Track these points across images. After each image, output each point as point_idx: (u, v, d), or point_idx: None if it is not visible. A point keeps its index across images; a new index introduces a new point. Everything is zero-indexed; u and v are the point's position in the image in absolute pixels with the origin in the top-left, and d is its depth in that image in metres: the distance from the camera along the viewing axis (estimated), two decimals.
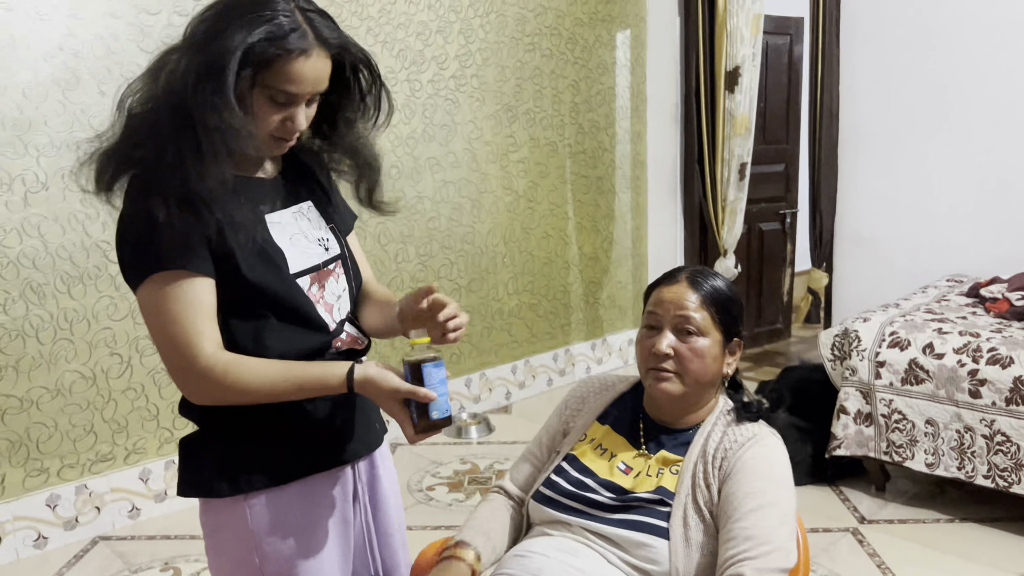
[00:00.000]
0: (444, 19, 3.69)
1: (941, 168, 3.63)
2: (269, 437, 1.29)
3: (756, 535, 1.29)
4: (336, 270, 1.37)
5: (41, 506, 2.76)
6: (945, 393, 2.72)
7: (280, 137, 1.25)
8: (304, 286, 1.30)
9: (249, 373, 1.19)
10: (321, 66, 1.21)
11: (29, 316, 2.69)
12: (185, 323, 1.17)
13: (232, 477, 1.27)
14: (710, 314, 1.42)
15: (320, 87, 1.23)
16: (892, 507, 2.93)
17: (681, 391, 1.43)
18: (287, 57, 1.16)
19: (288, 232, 1.31)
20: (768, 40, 4.60)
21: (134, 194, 1.19)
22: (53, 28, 2.66)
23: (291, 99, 1.21)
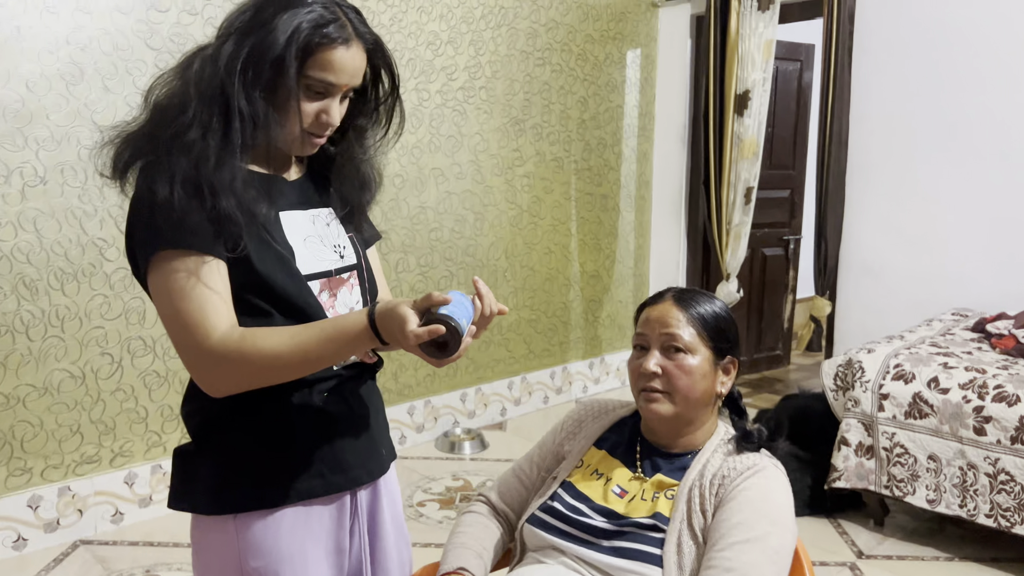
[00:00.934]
0: (455, 30, 3.66)
1: (950, 200, 3.60)
2: (266, 456, 1.23)
3: (736, 568, 1.24)
4: (351, 280, 1.32)
5: (22, 507, 2.70)
6: (949, 429, 2.68)
7: (312, 133, 1.22)
8: (314, 291, 1.25)
9: (264, 338, 1.13)
10: (360, 58, 1.21)
11: (20, 312, 2.63)
12: (197, 302, 1.13)
13: (223, 495, 1.22)
14: (696, 331, 1.40)
15: (355, 80, 1.22)
16: (891, 542, 2.88)
17: (672, 411, 1.40)
18: (329, 46, 1.16)
19: (302, 233, 1.27)
20: (778, 65, 4.58)
21: (142, 177, 1.16)
22: (60, 21, 2.62)
23: (329, 90, 1.19)
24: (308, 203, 1.30)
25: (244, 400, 1.20)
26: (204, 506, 1.24)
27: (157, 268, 1.15)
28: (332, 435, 1.27)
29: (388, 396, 3.65)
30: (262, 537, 1.22)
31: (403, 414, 3.71)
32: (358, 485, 1.31)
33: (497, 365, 4.07)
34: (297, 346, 1.13)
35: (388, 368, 3.63)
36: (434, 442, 3.78)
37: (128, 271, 2.76)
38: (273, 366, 1.14)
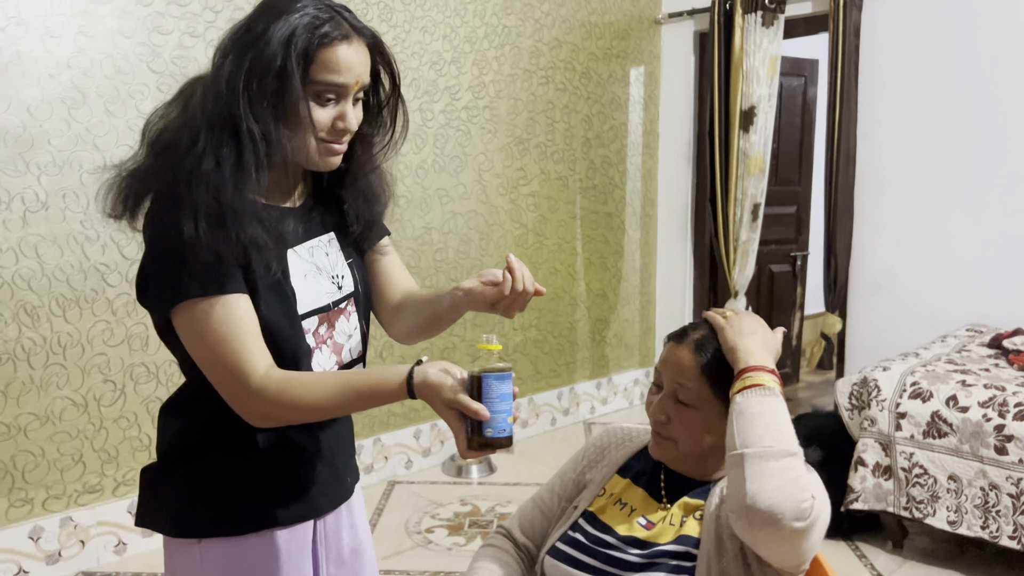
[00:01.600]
0: (459, 49, 3.65)
1: (962, 214, 3.56)
2: (230, 484, 1.23)
3: None
4: (347, 308, 1.31)
5: (23, 538, 2.64)
6: (969, 448, 2.62)
7: (330, 143, 1.19)
8: (311, 327, 1.24)
9: (304, 389, 1.12)
10: (363, 53, 1.18)
11: (21, 339, 2.59)
12: (233, 344, 1.12)
13: (188, 519, 1.23)
14: (709, 384, 1.31)
15: (364, 78, 1.18)
16: (910, 565, 2.81)
17: (675, 457, 1.36)
18: (329, 45, 1.13)
19: (303, 269, 1.25)
20: (783, 81, 4.56)
21: (160, 211, 1.13)
22: (62, 45, 2.60)
23: (339, 92, 1.16)
24: (309, 233, 1.27)
25: (213, 431, 1.22)
26: (170, 528, 1.25)
27: (181, 317, 1.14)
28: (296, 466, 1.27)
29: (394, 420, 3.60)
30: (225, 562, 1.23)
31: (409, 438, 3.66)
32: (320, 515, 1.31)
33: None
34: (332, 400, 1.13)
35: None
36: (441, 466, 3.72)
37: (131, 296, 2.71)
38: (309, 415, 1.17)
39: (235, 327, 1.12)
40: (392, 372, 1.12)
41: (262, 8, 1.16)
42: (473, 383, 1.10)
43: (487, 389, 1.09)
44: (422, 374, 1.10)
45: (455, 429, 1.10)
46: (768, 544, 1.17)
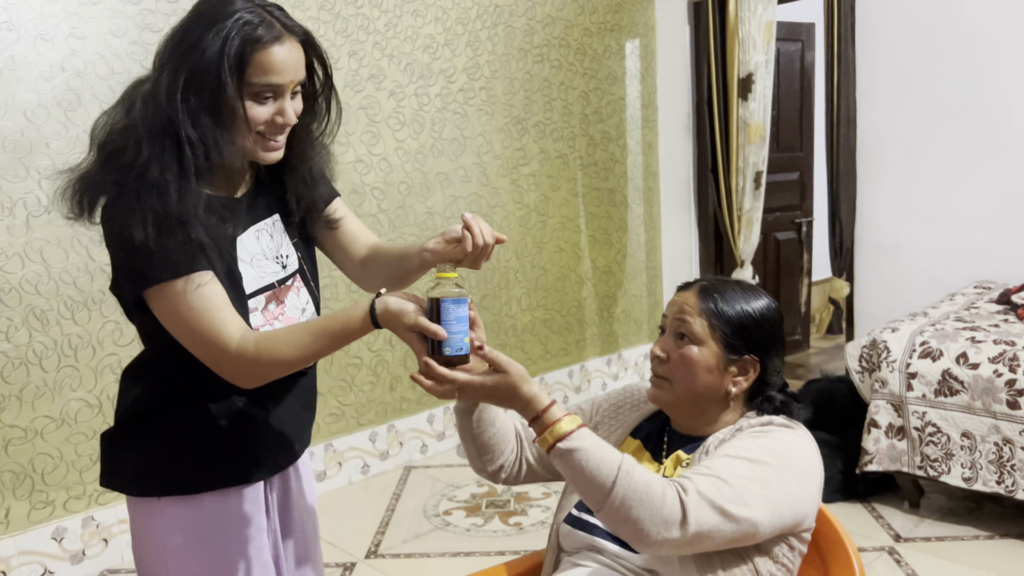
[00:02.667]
0: (452, 31, 3.63)
1: (965, 172, 3.53)
2: (186, 447, 1.32)
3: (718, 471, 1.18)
4: (295, 284, 1.39)
5: (47, 539, 2.67)
6: (982, 404, 2.62)
7: (270, 138, 1.26)
8: (258, 306, 1.33)
9: (282, 343, 1.21)
10: (296, 52, 1.24)
11: (32, 343, 2.61)
12: (203, 319, 1.20)
13: (147, 479, 1.32)
14: (709, 323, 1.35)
15: (300, 75, 1.25)
16: (928, 524, 2.82)
17: (670, 400, 1.38)
18: (263, 48, 1.19)
19: (250, 253, 1.33)
20: (779, 47, 4.53)
21: (112, 215, 1.21)
22: (55, 48, 2.60)
23: (276, 91, 1.22)
24: (254, 218, 1.35)
25: (169, 396, 1.32)
26: (131, 488, 1.34)
27: (154, 300, 1.22)
28: (247, 433, 1.35)
29: (406, 405, 3.62)
30: (183, 518, 1.32)
31: (423, 423, 3.68)
32: (270, 475, 1.41)
33: None
34: (309, 347, 1.21)
35: (405, 378, 3.59)
36: (456, 449, 3.74)
37: None
38: (292, 366, 1.24)
39: (206, 301, 1.20)
40: (356, 309, 1.21)
41: (195, 15, 1.21)
42: (432, 307, 1.17)
43: (445, 312, 1.16)
44: (383, 304, 1.18)
45: (417, 350, 1.18)
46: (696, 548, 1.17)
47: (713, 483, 1.17)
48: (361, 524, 3.04)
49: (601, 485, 1.13)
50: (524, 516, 3.04)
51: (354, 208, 3.35)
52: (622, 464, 1.14)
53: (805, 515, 1.25)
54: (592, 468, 1.13)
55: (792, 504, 1.22)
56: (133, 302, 1.25)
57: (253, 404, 1.36)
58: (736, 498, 1.16)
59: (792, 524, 1.24)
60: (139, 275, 1.20)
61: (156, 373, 1.33)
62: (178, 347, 1.25)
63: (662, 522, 1.12)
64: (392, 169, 3.48)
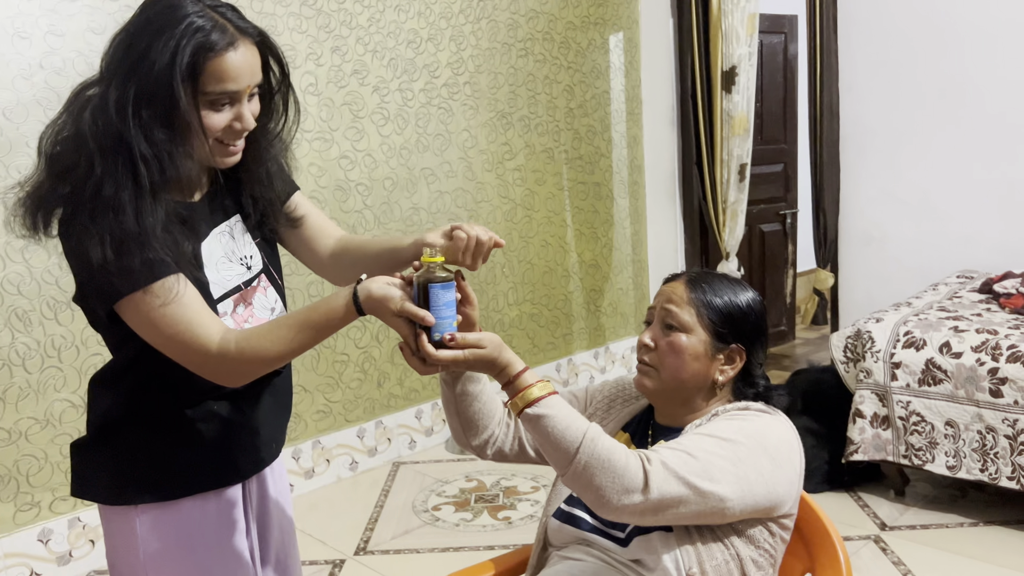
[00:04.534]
0: (435, 26, 3.62)
1: (947, 162, 3.56)
2: (161, 454, 1.29)
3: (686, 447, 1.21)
4: (261, 284, 1.37)
5: (33, 542, 2.66)
6: (965, 393, 2.65)
7: (228, 144, 1.22)
8: (227, 310, 1.29)
9: (264, 340, 1.18)
10: (251, 56, 1.19)
11: (15, 344, 2.59)
12: (180, 324, 1.16)
13: (122, 487, 1.29)
14: (697, 312, 1.37)
15: (256, 78, 1.20)
16: (913, 512, 2.85)
17: (657, 387, 1.38)
18: (216, 56, 1.13)
19: (214, 258, 1.30)
20: (762, 39, 4.54)
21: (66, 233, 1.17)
22: (33, 46, 2.57)
23: (233, 98, 1.18)
24: (215, 220, 1.31)
25: (141, 404, 1.28)
26: (105, 497, 1.31)
27: (126, 312, 1.18)
28: (222, 437, 1.33)
29: (395, 402, 3.61)
30: (161, 525, 1.29)
31: (411, 418, 3.67)
32: (246, 478, 1.39)
33: None
34: (293, 341, 1.18)
35: (393, 374, 3.59)
36: (444, 444, 3.75)
37: None
38: (278, 362, 1.21)
39: (179, 306, 1.16)
40: (337, 297, 1.18)
41: (142, 21, 1.14)
42: (420, 292, 1.15)
43: (433, 297, 1.15)
44: (366, 290, 1.15)
45: (404, 335, 1.16)
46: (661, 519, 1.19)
47: (678, 456, 1.19)
48: (350, 521, 3.03)
49: (566, 451, 1.15)
50: (513, 511, 3.04)
51: (339, 204, 3.34)
52: (587, 432, 1.15)
53: (782, 498, 1.26)
54: (558, 434, 1.15)
55: (765, 484, 1.23)
56: (104, 316, 1.21)
57: (229, 407, 1.33)
58: (701, 471, 1.18)
59: (768, 506, 1.24)
60: (105, 291, 1.16)
61: (127, 382, 1.29)
62: (149, 355, 1.21)
63: (623, 489, 1.14)
64: (377, 165, 3.46)
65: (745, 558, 1.25)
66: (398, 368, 3.61)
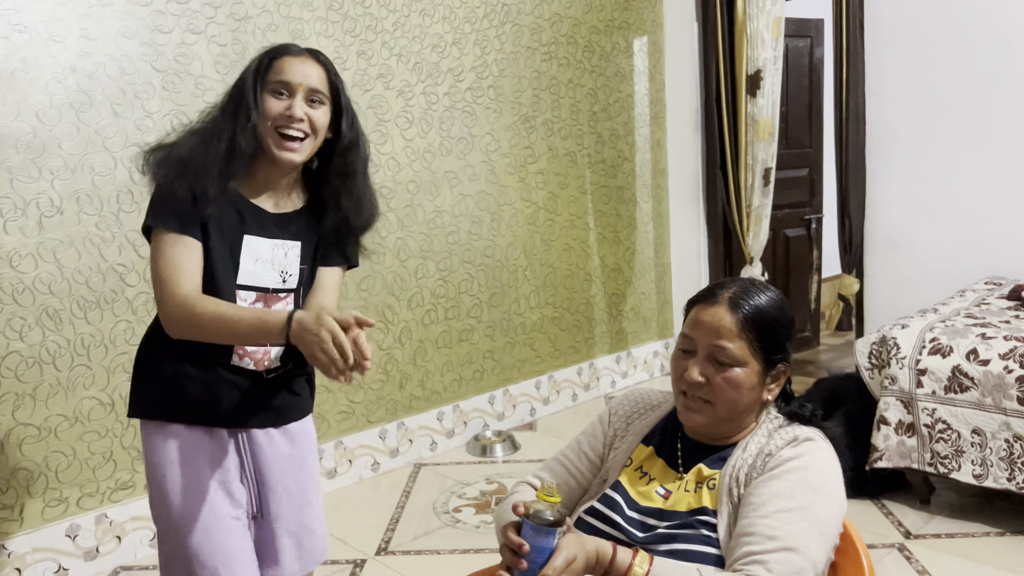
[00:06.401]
0: (459, 30, 3.64)
1: (974, 168, 3.52)
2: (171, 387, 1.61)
3: (781, 537, 1.19)
4: (287, 299, 1.66)
5: (61, 537, 2.70)
6: (992, 401, 2.61)
7: (284, 134, 1.55)
8: (248, 299, 1.60)
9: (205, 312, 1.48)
10: (310, 66, 1.59)
11: (46, 343, 2.64)
12: (172, 266, 1.51)
13: (139, 403, 1.65)
14: (748, 342, 1.31)
15: (310, 82, 1.57)
16: (938, 521, 2.81)
17: (711, 420, 1.35)
18: (281, 57, 1.58)
19: (255, 255, 1.60)
20: (788, 43, 4.51)
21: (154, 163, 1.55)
22: (66, 50, 2.62)
23: (289, 90, 1.56)
24: (279, 235, 1.62)
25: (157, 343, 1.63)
26: (130, 410, 1.67)
27: (154, 238, 1.55)
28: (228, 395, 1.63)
29: (416, 403, 3.63)
30: (159, 440, 1.63)
31: (432, 420, 3.69)
32: (233, 427, 1.65)
33: (523, 365, 4.04)
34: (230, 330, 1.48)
35: (415, 376, 3.61)
36: (465, 446, 3.76)
37: (150, 296, 2.76)
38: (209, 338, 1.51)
39: (179, 257, 1.51)
40: (278, 316, 1.43)
41: None
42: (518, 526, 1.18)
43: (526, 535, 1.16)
44: (297, 321, 1.40)
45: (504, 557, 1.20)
46: None
47: (785, 559, 1.18)
48: (371, 521, 3.05)
49: None
50: None
51: None
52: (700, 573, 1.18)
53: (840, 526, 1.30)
54: None
55: (836, 527, 1.26)
56: (143, 229, 1.57)
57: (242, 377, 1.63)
58: (806, 562, 1.19)
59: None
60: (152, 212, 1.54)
61: (155, 323, 1.65)
62: None
63: None
64: (400, 168, 3.49)
65: None
66: (419, 370, 3.63)
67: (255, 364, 1.65)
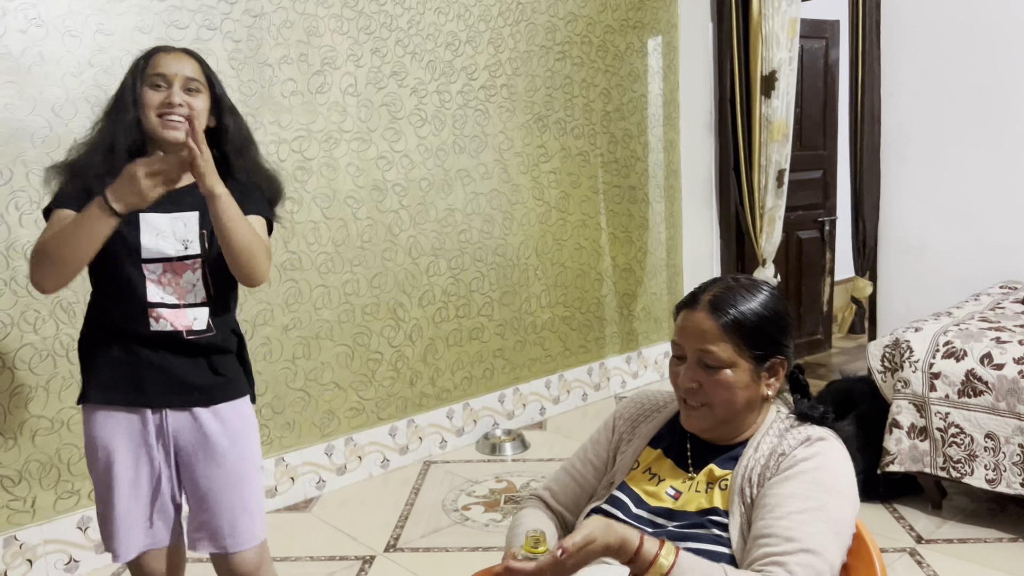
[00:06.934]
0: (474, 29, 3.64)
1: (991, 170, 3.49)
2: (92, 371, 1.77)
3: (798, 539, 1.19)
4: (193, 265, 1.76)
5: (72, 529, 2.72)
6: (1006, 405, 2.59)
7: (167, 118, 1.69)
8: (156, 270, 1.72)
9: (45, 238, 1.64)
10: (185, 59, 1.75)
11: (59, 335, 2.65)
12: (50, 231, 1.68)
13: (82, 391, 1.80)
14: (733, 343, 1.31)
15: (186, 72, 1.73)
16: (950, 525, 2.79)
17: (712, 423, 1.35)
18: (157, 54, 1.74)
19: (156, 230, 1.73)
20: (803, 44, 4.49)
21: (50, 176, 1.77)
22: (82, 44, 2.64)
23: (165, 81, 1.71)
24: (174, 208, 1.74)
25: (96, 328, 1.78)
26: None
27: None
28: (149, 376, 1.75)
29: (426, 400, 3.63)
30: (87, 423, 1.80)
31: (442, 418, 3.69)
32: (148, 407, 1.77)
33: (534, 364, 4.04)
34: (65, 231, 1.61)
35: (425, 373, 3.61)
36: (475, 445, 3.76)
37: None
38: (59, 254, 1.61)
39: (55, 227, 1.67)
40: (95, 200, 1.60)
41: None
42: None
43: None
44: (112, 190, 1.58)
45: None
46: None
47: (806, 562, 1.18)
48: (380, 518, 3.06)
49: None
50: None
51: (376, 204, 3.37)
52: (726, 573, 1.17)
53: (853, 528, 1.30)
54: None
55: (850, 528, 1.26)
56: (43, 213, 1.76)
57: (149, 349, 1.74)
58: (824, 565, 1.19)
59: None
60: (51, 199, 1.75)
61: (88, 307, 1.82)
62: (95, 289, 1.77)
63: None
64: (413, 166, 3.49)
65: None
66: (430, 367, 3.63)
67: (173, 324, 1.74)
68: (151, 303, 1.72)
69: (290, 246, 3.15)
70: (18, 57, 2.53)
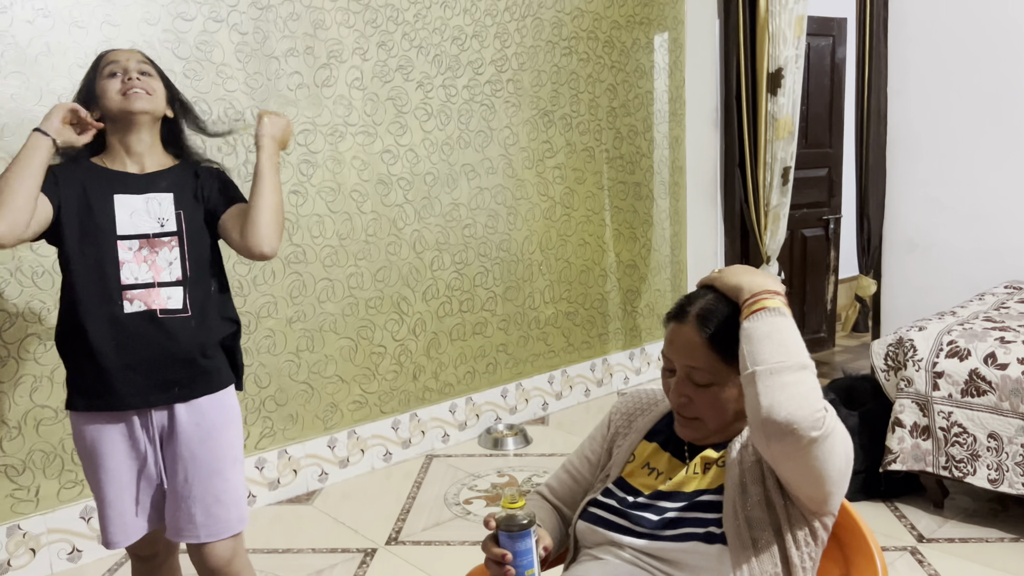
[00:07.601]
0: (480, 23, 3.63)
1: (997, 170, 3.49)
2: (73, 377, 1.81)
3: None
4: (170, 243, 1.82)
5: (75, 519, 2.73)
6: (1009, 405, 2.59)
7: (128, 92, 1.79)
8: (133, 247, 1.78)
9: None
10: (133, 51, 1.88)
11: None
12: None
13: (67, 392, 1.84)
14: (722, 357, 1.28)
15: (136, 58, 1.85)
16: (951, 525, 2.79)
17: (705, 433, 1.35)
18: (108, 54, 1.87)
19: (130, 209, 1.80)
20: (810, 42, 4.48)
21: None
22: (89, 35, 2.64)
23: (119, 68, 1.83)
24: (149, 189, 1.82)
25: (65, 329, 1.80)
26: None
27: None
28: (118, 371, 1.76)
29: (429, 394, 3.64)
30: (74, 430, 1.85)
31: (445, 412, 3.70)
32: (131, 408, 1.79)
33: (537, 359, 4.04)
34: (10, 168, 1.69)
35: (428, 367, 3.61)
36: (477, 439, 3.76)
37: None
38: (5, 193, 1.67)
39: None
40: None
41: None
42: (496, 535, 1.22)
43: (505, 544, 1.20)
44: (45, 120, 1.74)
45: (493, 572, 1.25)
46: (788, 461, 1.17)
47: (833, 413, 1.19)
48: (382, 511, 3.06)
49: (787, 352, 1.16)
50: None
51: (380, 198, 3.38)
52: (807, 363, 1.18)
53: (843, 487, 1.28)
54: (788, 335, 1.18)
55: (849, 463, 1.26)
56: None
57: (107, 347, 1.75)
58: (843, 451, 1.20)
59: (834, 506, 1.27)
60: None
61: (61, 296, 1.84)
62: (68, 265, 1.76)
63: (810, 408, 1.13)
64: (419, 160, 3.49)
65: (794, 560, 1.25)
66: (433, 362, 3.64)
67: (146, 303, 1.78)
68: (124, 285, 1.76)
69: (295, 239, 3.15)
70: (25, 47, 2.54)
